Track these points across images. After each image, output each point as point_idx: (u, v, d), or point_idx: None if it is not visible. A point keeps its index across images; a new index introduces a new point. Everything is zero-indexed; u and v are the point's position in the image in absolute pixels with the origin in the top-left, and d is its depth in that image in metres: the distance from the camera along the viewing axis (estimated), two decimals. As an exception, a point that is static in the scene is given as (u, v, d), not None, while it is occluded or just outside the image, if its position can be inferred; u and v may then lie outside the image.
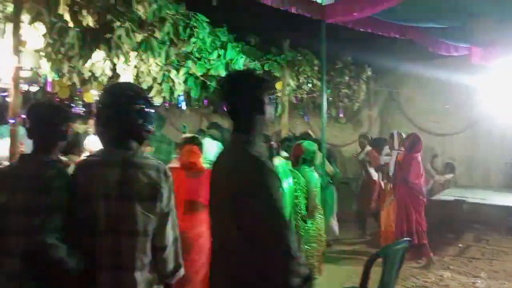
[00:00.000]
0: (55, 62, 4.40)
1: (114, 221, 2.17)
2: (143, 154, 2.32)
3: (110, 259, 2.16)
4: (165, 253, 2.26)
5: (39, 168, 2.33)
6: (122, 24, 4.45)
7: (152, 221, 2.20)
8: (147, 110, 2.30)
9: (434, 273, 6.51)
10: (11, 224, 2.25)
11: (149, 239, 2.21)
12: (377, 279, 3.33)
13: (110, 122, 2.28)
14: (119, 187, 2.19)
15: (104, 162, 2.26)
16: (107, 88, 2.42)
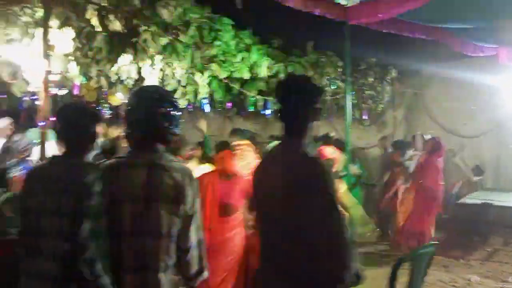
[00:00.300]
0: (83, 65, 4.49)
1: (139, 223, 2.19)
2: (169, 157, 2.34)
3: (135, 260, 2.19)
4: (188, 256, 2.27)
5: (71, 171, 2.34)
6: (148, 28, 4.51)
7: (176, 223, 2.22)
8: (173, 113, 2.32)
9: (461, 277, 6.41)
10: (43, 226, 2.28)
11: (173, 241, 2.23)
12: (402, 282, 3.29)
13: (136, 124, 2.31)
14: (144, 189, 2.21)
15: (130, 164, 2.28)
16: (135, 91, 2.45)
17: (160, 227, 2.19)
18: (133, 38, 4.45)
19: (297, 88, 2.24)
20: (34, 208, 2.32)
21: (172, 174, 2.24)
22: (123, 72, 5.48)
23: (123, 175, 2.25)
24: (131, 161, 2.31)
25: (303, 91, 2.23)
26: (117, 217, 2.20)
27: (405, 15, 6.25)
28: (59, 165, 2.41)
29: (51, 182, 2.32)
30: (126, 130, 2.36)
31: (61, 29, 4.26)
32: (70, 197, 2.26)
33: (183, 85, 6.64)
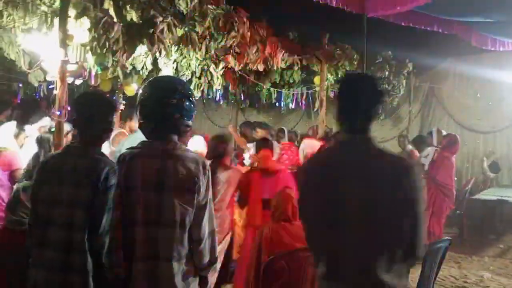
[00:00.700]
0: (100, 55, 4.49)
1: (152, 212, 2.22)
2: (182, 147, 2.35)
3: (148, 249, 2.21)
4: (201, 246, 2.29)
5: (87, 162, 2.33)
6: (164, 19, 4.51)
7: (189, 213, 2.23)
8: (185, 104, 2.32)
9: (474, 274, 6.38)
10: (55, 217, 2.28)
11: (186, 231, 2.25)
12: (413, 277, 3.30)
13: (149, 115, 2.32)
14: (158, 178, 2.23)
15: (145, 154, 2.31)
16: (149, 81, 2.45)
17: (173, 217, 2.21)
18: (150, 28, 4.45)
19: (372, 87, 2.19)
20: (47, 198, 2.32)
21: (186, 164, 2.25)
22: (139, 62, 5.51)
23: (137, 165, 2.27)
24: (145, 151, 2.33)
25: (375, 89, 2.18)
26: (131, 206, 2.24)
27: (423, 8, 6.20)
28: (74, 155, 2.38)
29: (66, 172, 2.32)
30: (139, 120, 2.38)
31: (79, 19, 4.28)
32: (87, 189, 2.26)
33: (198, 76, 6.67)
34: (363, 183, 2.01)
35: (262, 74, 8.52)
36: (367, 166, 2.05)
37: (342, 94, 2.22)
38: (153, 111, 2.31)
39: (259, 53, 6.78)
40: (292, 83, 9.22)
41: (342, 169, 2.07)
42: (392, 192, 1.99)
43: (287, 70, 8.40)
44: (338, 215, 2.03)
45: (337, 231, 2.03)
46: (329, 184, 2.08)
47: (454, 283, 5.89)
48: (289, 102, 10.14)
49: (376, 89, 2.17)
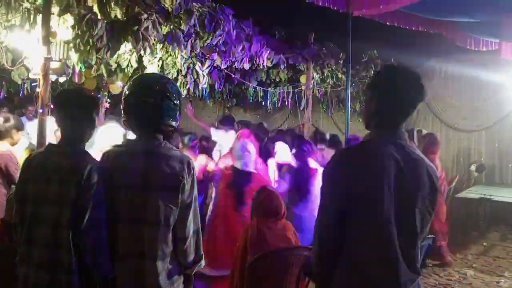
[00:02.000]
0: (83, 53, 4.47)
1: (136, 211, 2.22)
2: (167, 145, 2.34)
3: (132, 248, 2.22)
4: (186, 244, 2.30)
5: (70, 160, 2.30)
6: (149, 17, 4.49)
7: (173, 212, 2.24)
8: (164, 104, 2.29)
9: (457, 271, 6.45)
10: (41, 215, 2.26)
11: (170, 230, 2.25)
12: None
13: (130, 113, 2.32)
14: (141, 177, 2.23)
15: (128, 152, 2.31)
16: (132, 79, 2.43)
17: (157, 216, 2.21)
18: (134, 26, 4.43)
19: (416, 84, 2.07)
20: (32, 197, 2.30)
21: (170, 162, 2.25)
22: (124, 60, 5.48)
23: (121, 163, 2.27)
24: (129, 149, 2.33)
25: (416, 84, 2.06)
26: (115, 204, 2.24)
27: (408, 7, 6.25)
28: (57, 153, 2.36)
29: (50, 171, 2.29)
30: (122, 118, 2.37)
31: (62, 16, 4.24)
32: (70, 187, 2.25)
33: (183, 74, 6.65)
34: (416, 180, 1.99)
35: (248, 73, 8.54)
36: (416, 163, 2.03)
37: (376, 88, 2.12)
38: (133, 110, 2.31)
39: (245, 51, 6.79)
40: (278, 81, 9.26)
41: (399, 165, 1.97)
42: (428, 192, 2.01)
43: (273, 69, 8.42)
44: (393, 211, 1.93)
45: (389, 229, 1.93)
46: (388, 180, 1.93)
47: (438, 281, 5.94)
48: (275, 100, 10.17)
49: (418, 84, 2.07)
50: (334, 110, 11.48)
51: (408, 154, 2.03)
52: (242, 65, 7.04)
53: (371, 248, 1.94)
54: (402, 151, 2.02)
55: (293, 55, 7.96)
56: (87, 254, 2.21)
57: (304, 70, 8.37)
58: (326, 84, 9.42)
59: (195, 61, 6.50)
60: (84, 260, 2.22)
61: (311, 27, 8.20)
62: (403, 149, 2.04)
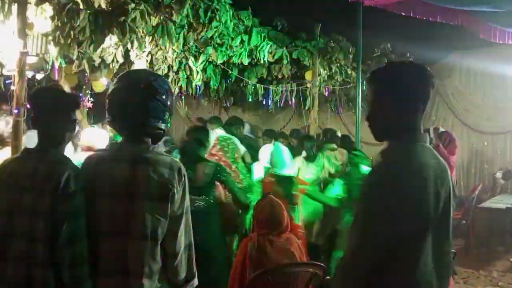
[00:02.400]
0: (64, 47, 4.46)
1: (120, 223, 2.20)
2: (156, 150, 2.33)
3: (116, 264, 2.20)
4: (176, 261, 2.28)
5: (46, 166, 2.30)
6: (137, 6, 4.50)
7: (162, 224, 2.22)
8: (150, 104, 2.28)
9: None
10: (16, 228, 2.25)
11: (158, 244, 2.24)
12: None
13: (114, 114, 2.32)
14: (127, 185, 2.21)
15: (112, 158, 2.29)
16: (120, 76, 2.39)
17: (144, 228, 2.19)
18: (120, 16, 4.43)
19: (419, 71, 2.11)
20: (5, 207, 2.29)
21: (159, 169, 2.24)
22: (108, 55, 5.48)
23: (104, 170, 2.26)
24: (113, 154, 2.32)
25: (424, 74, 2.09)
26: (97, 216, 2.22)
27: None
28: (33, 159, 2.35)
29: (24, 178, 2.28)
30: (106, 119, 2.37)
31: (40, 5, 4.25)
32: (46, 196, 2.24)
33: (175, 70, 6.66)
34: (447, 189, 2.03)
35: (247, 69, 8.55)
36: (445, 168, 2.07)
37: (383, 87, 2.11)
38: (117, 111, 2.30)
39: (243, 45, 6.80)
40: (281, 78, 9.25)
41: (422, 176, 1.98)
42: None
43: (275, 64, 8.42)
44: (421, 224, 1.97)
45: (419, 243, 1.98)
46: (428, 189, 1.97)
47: (460, 301, 5.96)
48: (277, 99, 10.16)
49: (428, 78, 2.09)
50: (343, 110, 11.49)
51: (437, 158, 2.06)
52: (240, 60, 7.04)
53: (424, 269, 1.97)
54: (433, 156, 2.05)
55: (298, 49, 7.97)
56: (66, 270, 2.21)
57: (309, 65, 8.37)
58: (334, 81, 9.42)
59: (188, 56, 6.51)
60: (62, 278, 2.22)
61: (317, 18, 8.20)
62: (432, 153, 2.07)
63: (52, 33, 4.37)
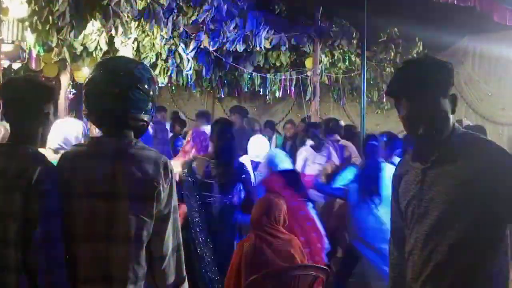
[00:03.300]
0: (42, 33, 4.44)
1: (101, 224, 2.19)
2: (139, 144, 2.31)
3: (97, 269, 2.20)
4: (164, 264, 2.28)
5: (17, 162, 2.27)
6: (121, -12, 4.48)
7: (147, 225, 2.21)
8: (131, 95, 2.25)
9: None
10: None
11: (143, 246, 2.23)
12: None
13: (92, 106, 2.30)
14: (107, 183, 2.20)
15: (91, 153, 2.27)
16: (96, 64, 2.39)
17: (127, 230, 2.19)
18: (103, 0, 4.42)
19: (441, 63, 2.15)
20: None
21: (142, 165, 2.24)
22: (91, 42, 5.46)
23: (82, 166, 2.24)
24: (92, 149, 2.31)
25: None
26: (75, 217, 2.21)
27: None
28: (2, 155, 2.33)
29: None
30: (83, 112, 2.35)
31: (15, -12, 4.24)
32: (17, 195, 2.23)
33: (164, 58, 6.65)
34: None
35: (242, 56, 8.53)
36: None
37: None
38: (95, 102, 2.28)
39: (238, 30, 6.78)
40: (279, 66, 9.25)
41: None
42: None
43: (272, 51, 8.42)
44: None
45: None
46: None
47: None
48: (275, 89, 10.15)
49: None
50: (346, 100, 11.48)
51: None
52: (234, 46, 7.03)
53: None
54: None
55: (297, 34, 7.95)
56: (41, 276, 2.20)
57: (310, 52, 8.36)
58: (337, 69, 9.42)
59: (178, 43, 6.50)
60: (38, 284, 2.21)
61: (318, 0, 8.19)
62: None
63: (29, 19, 4.35)
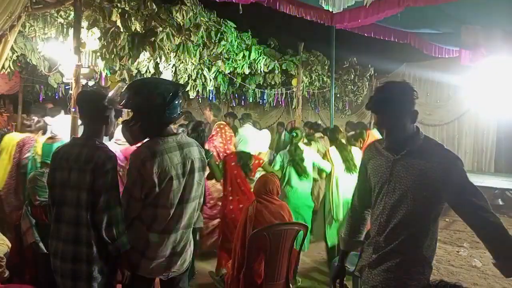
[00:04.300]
0: (109, 61, 4.42)
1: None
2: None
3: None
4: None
5: (87, 151, 2.28)
6: (164, 29, 4.45)
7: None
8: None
9: (424, 242, 6.46)
10: (66, 198, 2.26)
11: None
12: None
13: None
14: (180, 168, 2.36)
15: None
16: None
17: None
18: (151, 37, 4.39)
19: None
20: (59, 183, 2.30)
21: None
22: (143, 67, 5.44)
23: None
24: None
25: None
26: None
27: (382, 21, 6.21)
28: (78, 146, 2.34)
29: (72, 160, 2.28)
30: None
31: (90, 29, 4.21)
32: (87, 174, 2.24)
33: (193, 79, 6.62)
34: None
35: (248, 77, 8.50)
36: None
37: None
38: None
39: (245, 58, 6.75)
40: (273, 84, 9.21)
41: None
42: None
43: (269, 74, 8.38)
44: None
45: None
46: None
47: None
48: (271, 100, 10.12)
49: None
50: (320, 108, 11.45)
51: None
52: (243, 70, 7.00)
53: None
54: None
55: (286, 62, 7.92)
56: (103, 231, 2.21)
57: (295, 74, 8.32)
58: (313, 86, 9.37)
59: (203, 67, 6.46)
60: (101, 236, 2.21)
61: (301, 38, 8.14)
62: None
63: (100, 50, 4.33)
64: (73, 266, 2.22)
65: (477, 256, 5.90)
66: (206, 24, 5.35)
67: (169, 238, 2.30)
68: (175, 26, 4.73)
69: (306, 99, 10.38)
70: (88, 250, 2.22)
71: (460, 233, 7.12)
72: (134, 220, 2.28)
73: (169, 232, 2.30)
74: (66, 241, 2.24)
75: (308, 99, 10.65)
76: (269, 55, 7.47)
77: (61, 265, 2.25)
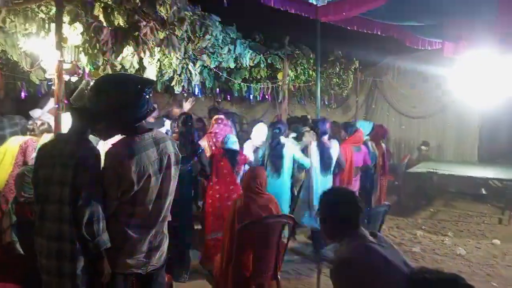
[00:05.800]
0: (92, 56, 4.37)
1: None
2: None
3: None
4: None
5: (70, 147, 2.28)
6: (147, 24, 4.40)
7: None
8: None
9: (409, 232, 6.57)
10: (50, 194, 2.25)
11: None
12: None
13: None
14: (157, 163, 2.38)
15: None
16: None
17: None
18: (135, 32, 4.34)
19: None
20: (43, 179, 2.29)
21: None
22: (127, 62, 5.38)
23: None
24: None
25: None
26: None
27: (366, 14, 6.24)
28: (62, 142, 2.33)
29: (55, 156, 2.27)
30: None
31: (72, 24, 4.14)
32: (69, 170, 2.22)
33: (179, 73, 6.57)
34: None
35: (233, 71, 8.47)
36: None
37: None
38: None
39: (230, 52, 6.72)
40: (259, 78, 9.19)
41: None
42: None
43: (254, 68, 8.36)
44: None
45: None
46: None
47: (393, 241, 6.06)
48: (257, 95, 10.10)
49: None
50: (306, 101, 11.48)
51: None
52: (228, 64, 6.97)
53: None
54: None
55: (271, 55, 7.91)
56: (86, 227, 2.19)
57: (280, 68, 8.32)
58: (299, 80, 9.38)
59: (188, 62, 6.41)
60: (81, 233, 2.20)
61: (286, 31, 8.13)
62: None
63: (82, 45, 4.27)
64: (58, 263, 2.21)
65: (461, 245, 6.02)
66: (191, 18, 5.31)
67: (147, 234, 2.30)
68: (159, 20, 4.68)
69: (292, 93, 10.39)
70: (72, 246, 2.21)
71: (444, 222, 7.25)
72: (109, 217, 2.26)
73: (147, 228, 2.29)
74: (50, 237, 2.23)
75: (294, 93, 10.66)
76: (255, 49, 7.45)
77: (46, 263, 2.24)
